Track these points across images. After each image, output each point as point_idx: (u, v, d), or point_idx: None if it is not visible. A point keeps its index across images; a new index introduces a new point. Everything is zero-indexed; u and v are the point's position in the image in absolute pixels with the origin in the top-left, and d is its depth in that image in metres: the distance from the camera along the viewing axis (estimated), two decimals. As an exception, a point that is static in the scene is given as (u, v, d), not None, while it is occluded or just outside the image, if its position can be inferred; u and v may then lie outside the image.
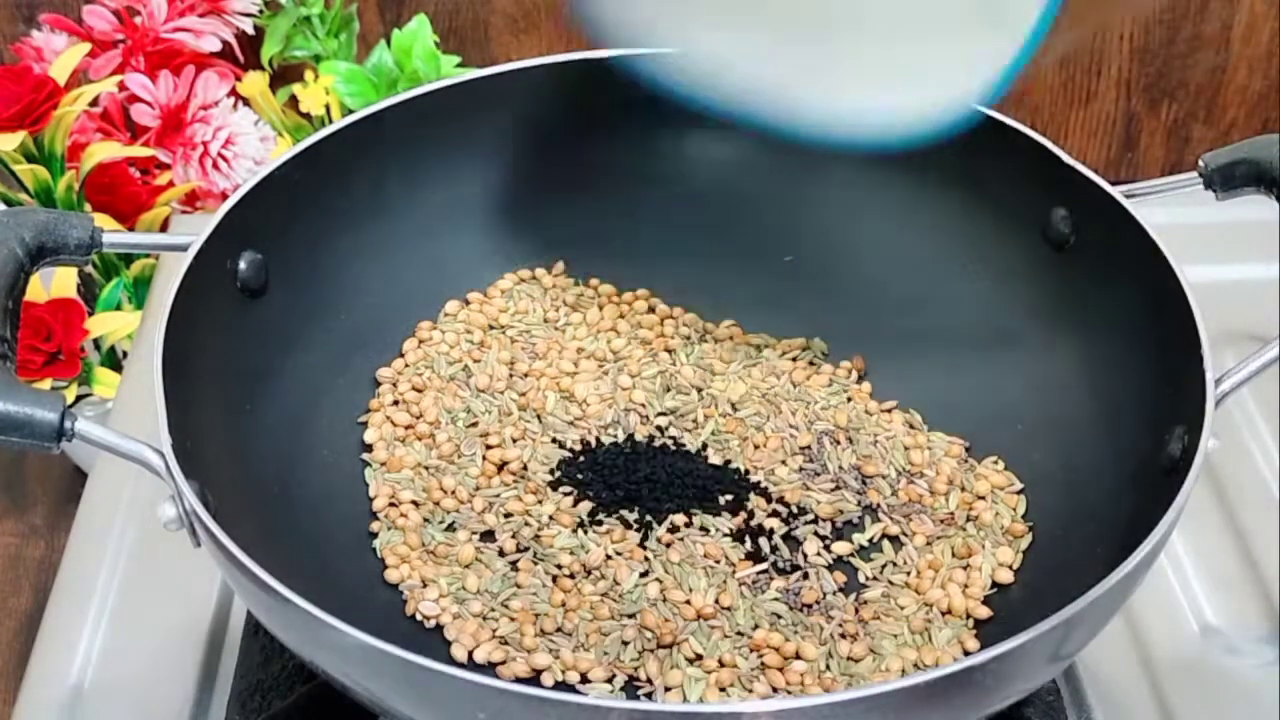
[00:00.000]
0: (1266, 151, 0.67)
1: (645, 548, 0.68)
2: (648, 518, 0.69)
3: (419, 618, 0.66)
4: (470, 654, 0.64)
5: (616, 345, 0.77)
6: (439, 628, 0.66)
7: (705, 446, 0.73)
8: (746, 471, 0.72)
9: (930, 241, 0.77)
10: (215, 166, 1.15)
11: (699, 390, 0.75)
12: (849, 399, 0.75)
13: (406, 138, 0.75)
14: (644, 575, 0.67)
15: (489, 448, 0.72)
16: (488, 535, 0.69)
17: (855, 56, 0.52)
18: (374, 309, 0.76)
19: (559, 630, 0.65)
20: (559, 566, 0.67)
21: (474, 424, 0.74)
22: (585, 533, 0.69)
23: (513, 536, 0.69)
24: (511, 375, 0.76)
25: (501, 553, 0.68)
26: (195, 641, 0.72)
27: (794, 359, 0.77)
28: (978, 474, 0.71)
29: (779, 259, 0.79)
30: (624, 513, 0.70)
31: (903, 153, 0.75)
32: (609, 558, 0.68)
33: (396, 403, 0.74)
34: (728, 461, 0.72)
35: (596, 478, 0.71)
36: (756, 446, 0.73)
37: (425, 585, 0.67)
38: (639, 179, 0.80)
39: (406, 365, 0.76)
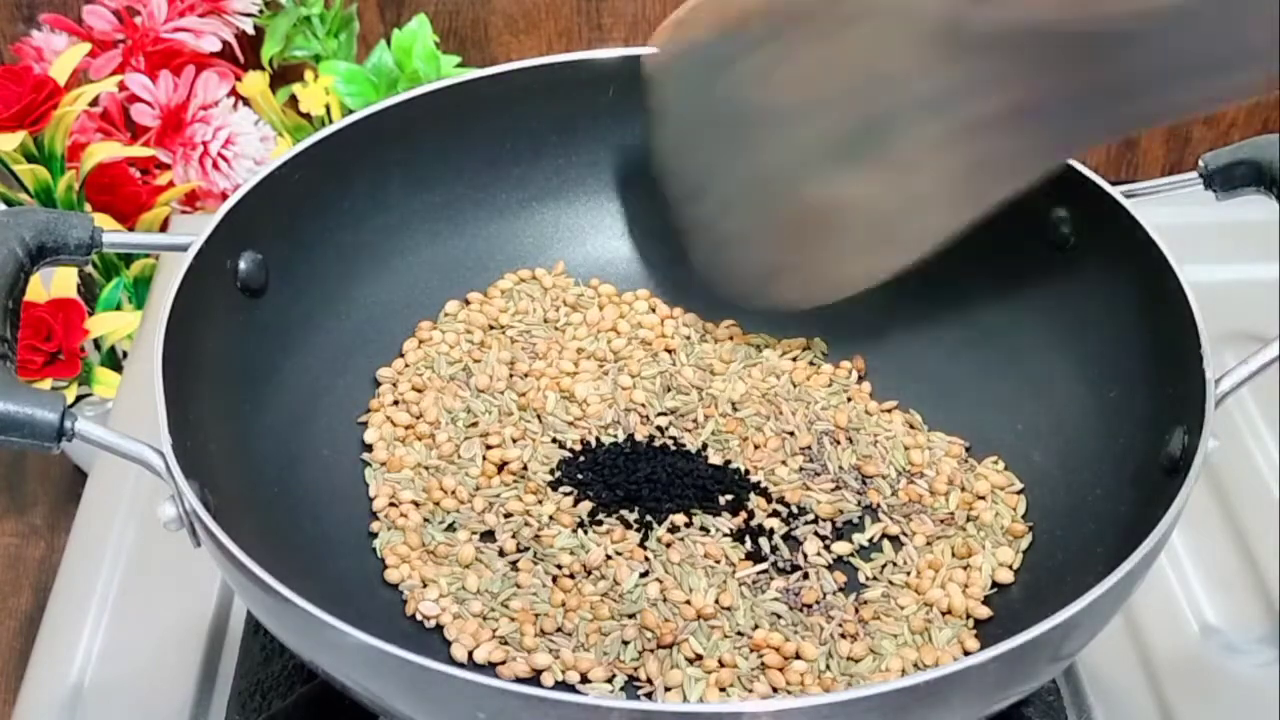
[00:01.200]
0: (1266, 151, 0.67)
1: (645, 548, 0.68)
2: (648, 518, 0.69)
3: (419, 618, 0.66)
4: (470, 654, 0.64)
5: (616, 345, 0.77)
6: (439, 628, 0.66)
7: (705, 446, 0.73)
8: (746, 471, 0.72)
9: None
10: (215, 166, 1.15)
11: (699, 390, 0.75)
12: (849, 399, 0.75)
13: (406, 138, 0.75)
14: (644, 575, 0.67)
15: (489, 448, 0.72)
16: (488, 535, 0.69)
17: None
18: (374, 309, 0.76)
19: (559, 630, 0.65)
20: (559, 566, 0.67)
21: (474, 424, 0.74)
22: (585, 533, 0.69)
23: (513, 536, 0.69)
24: (511, 375, 0.76)
25: (501, 553, 0.68)
26: (195, 641, 0.72)
27: (794, 359, 0.77)
28: (978, 474, 0.71)
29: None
30: (624, 513, 0.70)
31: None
32: (609, 558, 0.68)
33: (396, 403, 0.74)
34: (728, 461, 0.72)
35: (596, 478, 0.71)
36: (756, 446, 0.73)
37: (425, 585, 0.67)
38: (639, 179, 0.80)
39: (406, 365, 0.76)
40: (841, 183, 0.62)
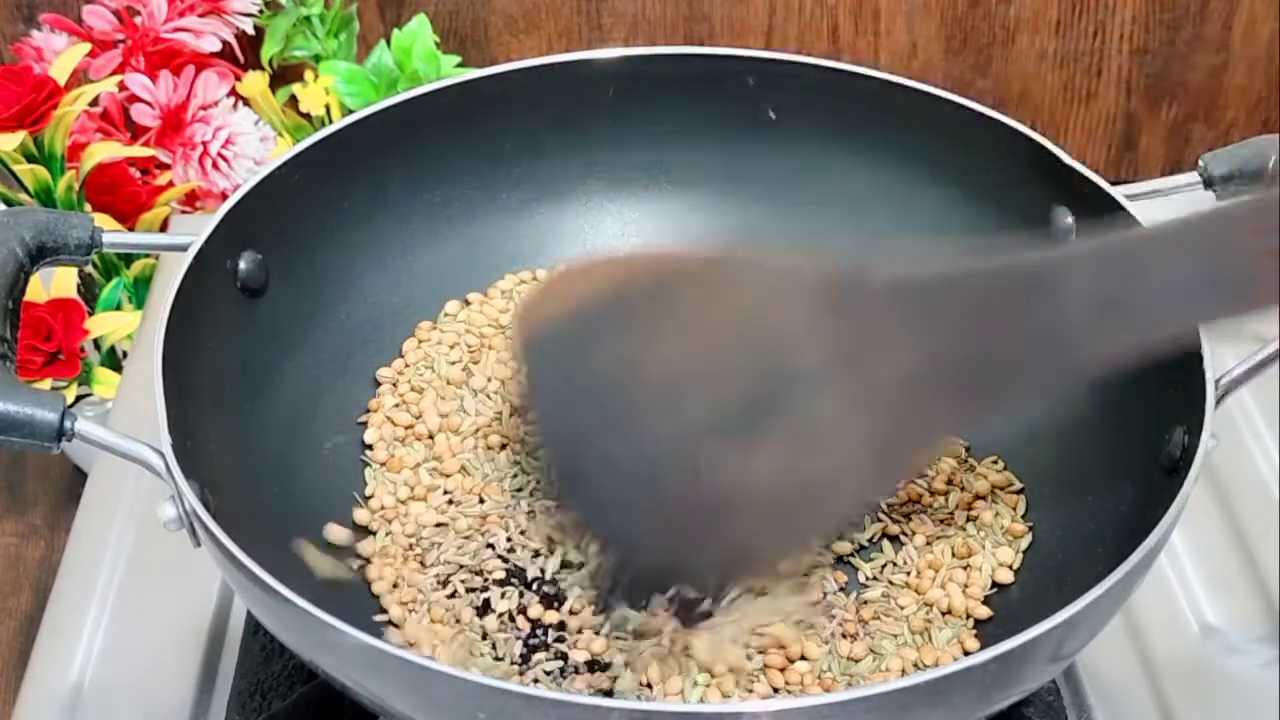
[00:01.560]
0: (1266, 151, 0.67)
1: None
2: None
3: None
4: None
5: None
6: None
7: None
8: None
9: (930, 242, 0.77)
10: (215, 166, 1.15)
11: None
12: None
13: (406, 138, 0.75)
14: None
15: (488, 449, 0.72)
16: (488, 535, 0.69)
17: None
18: (374, 309, 0.76)
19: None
20: (559, 566, 0.67)
21: (475, 426, 0.73)
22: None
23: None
24: (512, 376, 0.76)
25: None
26: (195, 641, 0.72)
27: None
28: (978, 474, 0.71)
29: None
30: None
31: (901, 153, 0.76)
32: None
33: (397, 404, 0.74)
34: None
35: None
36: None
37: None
38: (638, 179, 0.80)
39: (407, 365, 0.76)
40: (738, 460, 0.55)
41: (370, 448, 0.73)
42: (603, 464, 0.58)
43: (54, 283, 1.06)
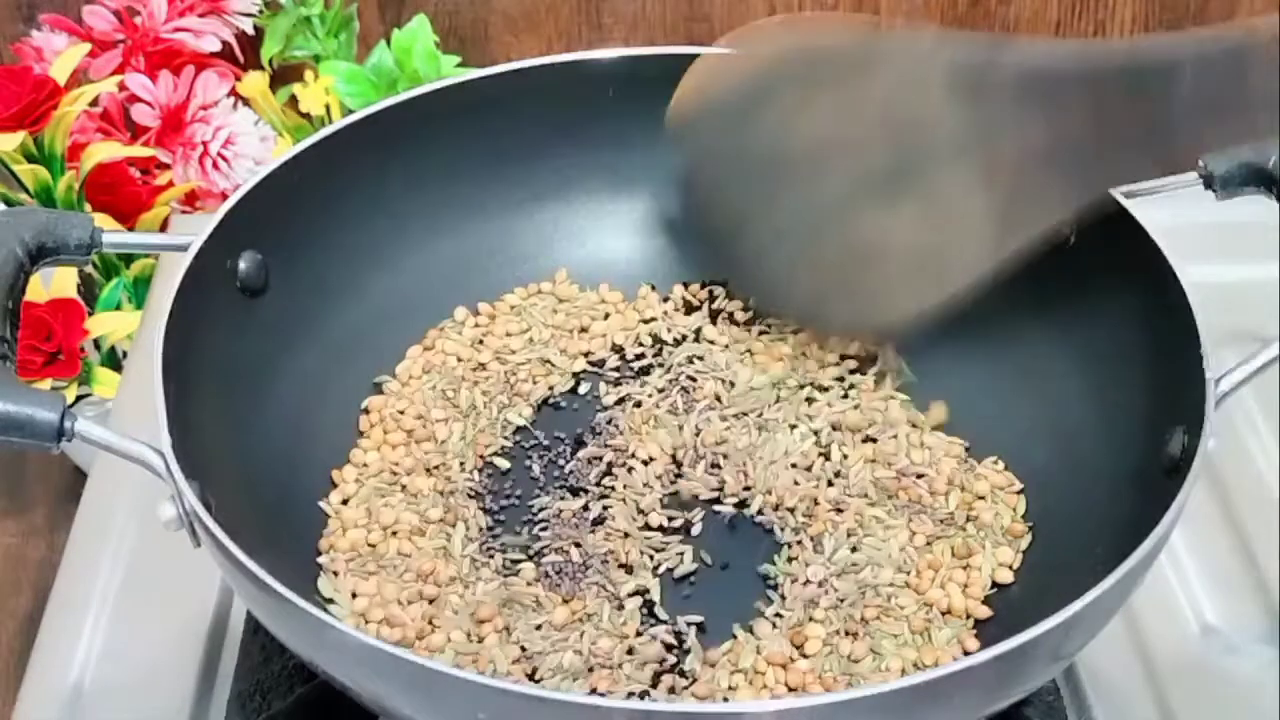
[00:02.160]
0: (1267, 152, 0.67)
1: (645, 548, 0.68)
2: (648, 518, 0.69)
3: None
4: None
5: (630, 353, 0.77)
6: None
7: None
8: (746, 471, 0.72)
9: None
10: (215, 166, 1.15)
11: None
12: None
13: (406, 138, 0.75)
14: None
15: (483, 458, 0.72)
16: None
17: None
18: (375, 309, 0.76)
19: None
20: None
21: (474, 438, 0.73)
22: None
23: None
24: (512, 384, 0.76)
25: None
26: (195, 641, 0.72)
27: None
28: (978, 474, 0.71)
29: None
30: (624, 513, 0.70)
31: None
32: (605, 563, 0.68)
33: (401, 412, 0.74)
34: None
35: (597, 478, 0.71)
36: (756, 446, 0.73)
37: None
38: (638, 179, 0.80)
39: (410, 373, 0.76)
40: (877, 220, 0.64)
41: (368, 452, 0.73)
42: (760, 224, 0.67)
43: (54, 283, 1.06)
